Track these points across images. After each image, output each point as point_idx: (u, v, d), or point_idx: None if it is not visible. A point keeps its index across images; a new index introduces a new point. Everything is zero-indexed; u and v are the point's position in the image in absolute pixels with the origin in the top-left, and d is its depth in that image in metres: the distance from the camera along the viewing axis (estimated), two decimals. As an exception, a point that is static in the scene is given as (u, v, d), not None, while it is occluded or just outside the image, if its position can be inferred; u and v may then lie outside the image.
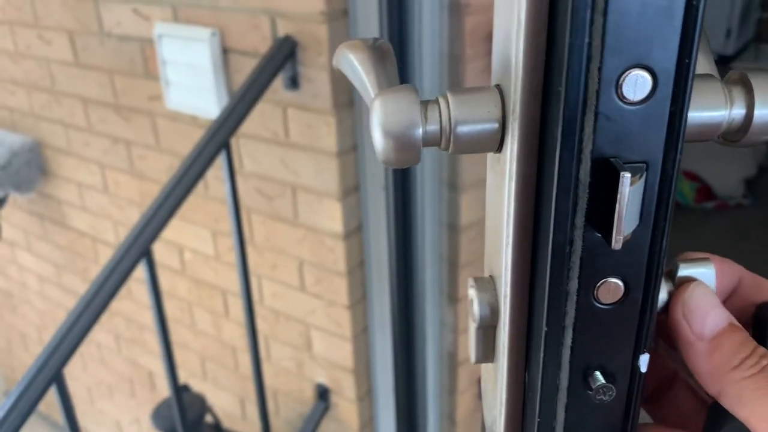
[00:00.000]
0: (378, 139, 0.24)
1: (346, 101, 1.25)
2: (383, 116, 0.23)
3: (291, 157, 1.34)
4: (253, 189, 1.44)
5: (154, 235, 1.04)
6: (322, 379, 1.56)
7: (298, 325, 1.54)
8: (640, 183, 0.22)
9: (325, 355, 1.52)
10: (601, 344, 0.26)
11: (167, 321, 1.12)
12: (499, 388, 0.28)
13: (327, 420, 1.59)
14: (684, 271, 0.27)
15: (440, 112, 0.24)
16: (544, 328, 0.24)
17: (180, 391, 1.16)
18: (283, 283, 1.51)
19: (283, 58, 1.20)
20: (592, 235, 0.24)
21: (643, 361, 0.26)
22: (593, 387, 0.26)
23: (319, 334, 1.51)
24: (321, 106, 1.24)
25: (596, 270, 0.24)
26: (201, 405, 1.46)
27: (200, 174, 1.12)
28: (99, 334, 2.06)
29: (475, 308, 0.27)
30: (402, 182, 1.23)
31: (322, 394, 1.56)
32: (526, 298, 0.26)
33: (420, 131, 0.23)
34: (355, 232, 1.36)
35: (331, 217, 1.34)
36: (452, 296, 1.41)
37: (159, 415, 1.43)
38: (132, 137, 1.62)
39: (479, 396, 1.52)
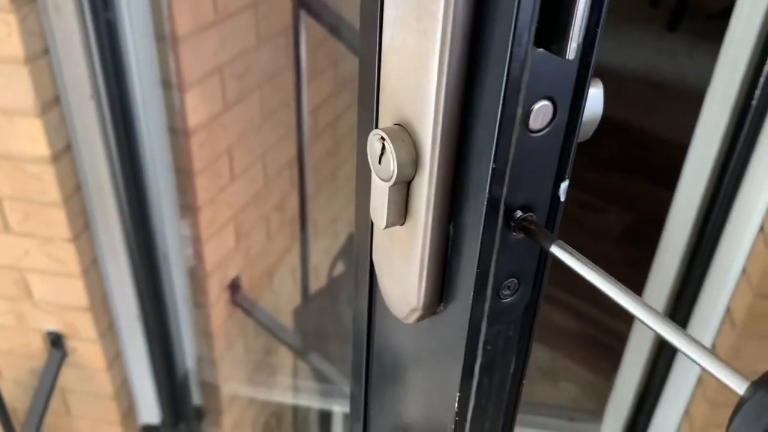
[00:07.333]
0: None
1: (26, -6, 1.03)
2: None
3: (-39, 71, 1.08)
4: None
5: None
6: (52, 326, 1.37)
7: (8, 272, 1.31)
8: None
9: (51, 298, 1.33)
10: (527, 178, 0.24)
11: None
12: (419, 249, 0.25)
13: (67, 368, 1.42)
14: None
15: None
16: (492, 165, 0.22)
17: None
18: (-21, 228, 1.26)
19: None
20: (534, 51, 0.21)
21: (563, 189, 0.25)
22: (515, 219, 0.25)
23: (39, 277, 1.31)
24: (-8, 3, 1.01)
25: (533, 91, 0.22)
26: None
27: None
28: None
29: (391, 163, 0.24)
30: (116, 87, 1.08)
31: (55, 341, 1.38)
32: (458, 141, 0.23)
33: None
34: (64, 153, 1.18)
35: (31, 138, 1.13)
36: (190, 206, 1.32)
37: None
38: None
39: (232, 301, 1.48)
